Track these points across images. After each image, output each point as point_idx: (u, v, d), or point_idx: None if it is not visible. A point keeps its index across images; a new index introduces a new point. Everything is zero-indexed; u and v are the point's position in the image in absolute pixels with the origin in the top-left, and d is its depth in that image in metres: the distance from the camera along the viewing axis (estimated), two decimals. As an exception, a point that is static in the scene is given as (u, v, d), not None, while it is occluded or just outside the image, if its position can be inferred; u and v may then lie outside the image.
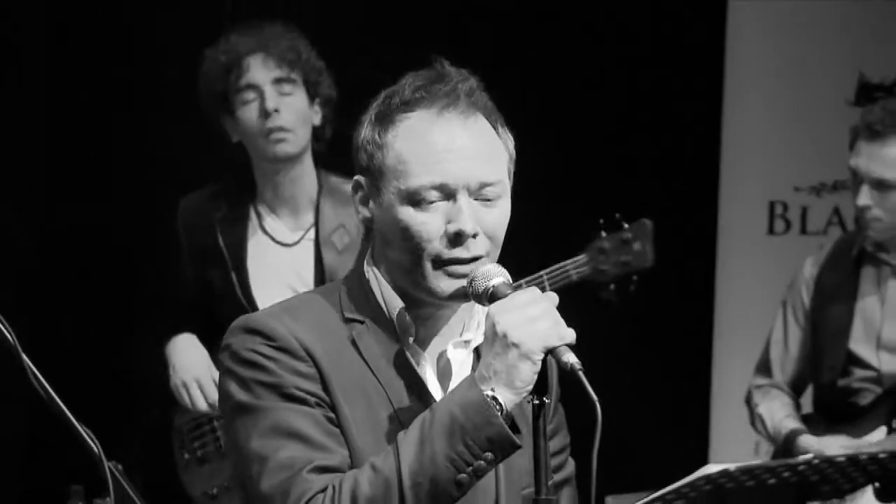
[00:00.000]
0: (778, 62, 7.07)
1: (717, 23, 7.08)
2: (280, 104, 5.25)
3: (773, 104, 7.07)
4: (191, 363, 5.40)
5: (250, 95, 5.28)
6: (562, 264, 5.21)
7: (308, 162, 5.39)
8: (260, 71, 5.26)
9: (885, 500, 5.42)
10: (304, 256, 5.31)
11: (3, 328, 4.57)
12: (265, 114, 5.24)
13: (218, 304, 5.36)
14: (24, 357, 4.53)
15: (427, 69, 3.24)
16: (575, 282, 5.21)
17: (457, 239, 3.12)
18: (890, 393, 5.49)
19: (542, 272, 5.18)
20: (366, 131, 3.22)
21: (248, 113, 5.29)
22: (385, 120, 3.21)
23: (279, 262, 5.36)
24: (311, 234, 5.32)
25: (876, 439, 5.22)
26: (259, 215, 5.38)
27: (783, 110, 7.04)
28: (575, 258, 5.24)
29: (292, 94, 5.26)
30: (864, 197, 5.40)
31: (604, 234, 5.28)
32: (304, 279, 5.31)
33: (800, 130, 6.95)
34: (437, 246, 3.15)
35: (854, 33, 7.00)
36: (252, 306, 5.25)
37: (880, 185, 5.38)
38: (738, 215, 7.13)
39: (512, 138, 3.25)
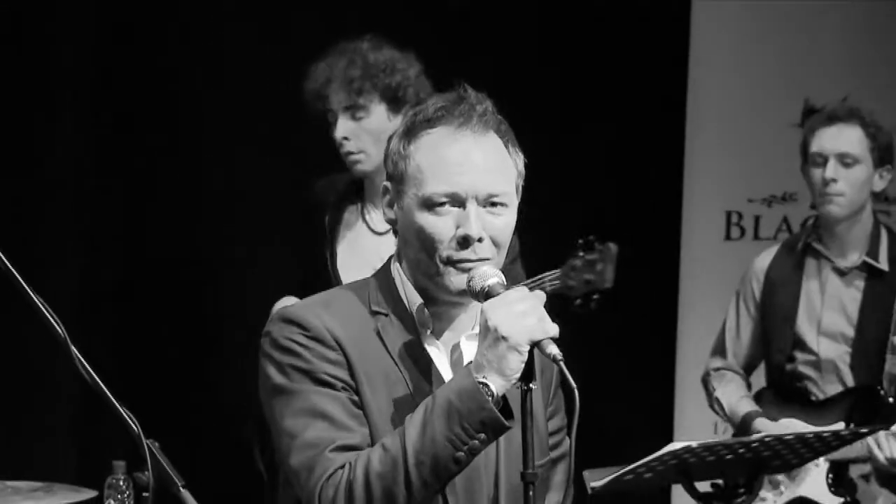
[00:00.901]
0: (734, 91, 7.08)
1: (681, 52, 7.06)
2: (349, 131, 5.17)
3: (730, 126, 7.08)
4: None
5: (332, 120, 5.22)
6: (540, 276, 5.21)
7: None
8: (335, 101, 5.18)
9: (838, 490, 5.45)
10: (389, 244, 5.33)
11: (55, 324, 4.60)
12: (339, 142, 5.20)
13: (317, 276, 5.33)
14: (73, 349, 4.55)
15: (451, 92, 3.29)
16: (548, 292, 5.20)
17: (464, 242, 3.17)
18: (851, 391, 5.50)
19: (523, 282, 5.12)
20: (394, 143, 3.28)
21: (343, 127, 5.22)
22: (410, 134, 3.26)
23: (371, 247, 5.32)
24: None
25: (832, 430, 5.21)
26: (363, 207, 5.35)
27: (739, 132, 7.05)
28: (552, 271, 5.24)
29: (364, 117, 5.15)
30: (831, 170, 5.39)
31: (581, 253, 5.27)
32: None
33: (753, 149, 6.95)
34: (447, 247, 3.19)
35: (801, 65, 7.00)
36: (338, 280, 5.26)
37: (844, 159, 5.36)
38: (699, 223, 7.14)
39: (522, 157, 3.29)
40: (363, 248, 5.33)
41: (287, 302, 5.30)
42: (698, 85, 7.08)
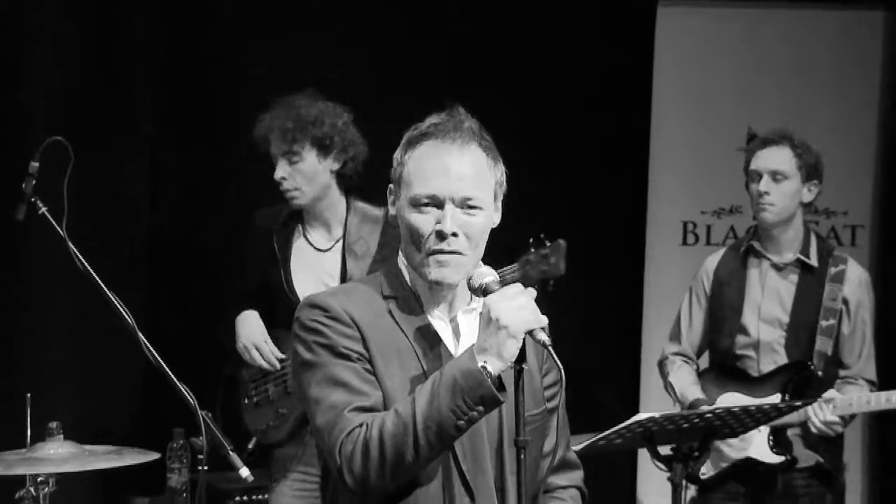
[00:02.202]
0: (690, 121, 7.06)
1: (645, 89, 7.03)
2: (286, 173, 5.22)
3: (687, 150, 7.07)
4: (251, 332, 5.42)
5: (274, 161, 5.27)
6: (501, 270, 5.21)
7: (332, 195, 5.32)
8: (275, 147, 5.23)
9: (778, 451, 5.44)
10: (334, 259, 5.32)
11: (126, 315, 4.60)
12: (278, 182, 5.26)
13: (271, 292, 5.38)
14: (141, 335, 4.56)
15: (446, 111, 3.33)
16: (508, 282, 5.22)
17: (440, 235, 3.19)
18: (785, 368, 5.50)
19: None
20: (398, 152, 3.31)
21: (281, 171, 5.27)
22: (409, 145, 3.31)
23: (316, 263, 5.36)
24: (340, 243, 5.32)
25: (770, 402, 5.21)
26: (304, 228, 5.37)
27: (694, 155, 7.04)
28: (511, 265, 5.26)
29: (298, 161, 5.20)
30: (764, 184, 5.43)
31: (533, 249, 5.27)
32: (333, 276, 5.31)
33: (706, 170, 6.95)
34: (428, 240, 3.22)
35: (746, 99, 6.98)
36: (294, 295, 5.27)
37: (775, 175, 5.41)
38: (660, 231, 7.14)
39: (502, 169, 3.32)
40: (310, 264, 5.37)
41: (247, 317, 5.45)
42: (660, 117, 7.07)
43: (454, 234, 3.20)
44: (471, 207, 3.22)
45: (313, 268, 5.36)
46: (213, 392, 5.62)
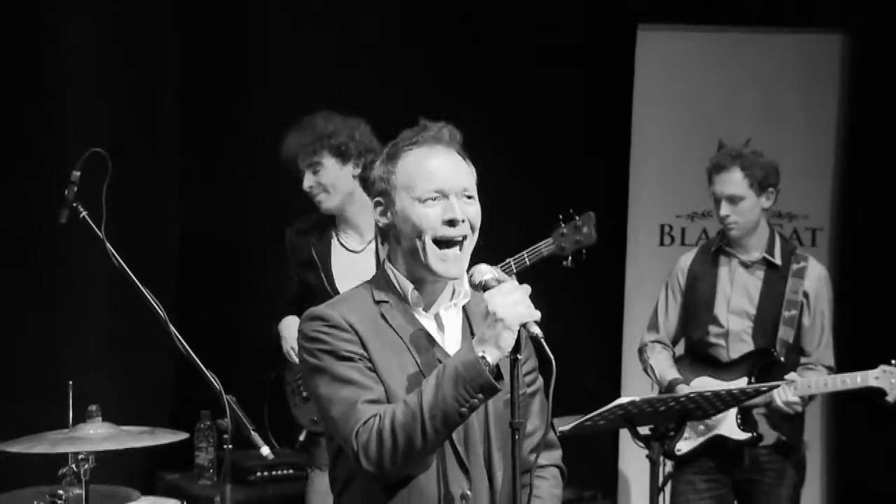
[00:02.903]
0: (667, 133, 7.07)
1: (626, 108, 7.04)
2: (312, 182, 5.29)
3: (663, 161, 7.07)
4: (294, 335, 5.41)
5: (301, 175, 5.32)
6: (536, 245, 5.29)
7: (360, 199, 5.31)
8: (300, 161, 5.30)
9: (745, 429, 5.44)
10: (367, 259, 5.32)
11: (156, 305, 4.61)
12: (306, 190, 5.32)
13: (313, 295, 5.32)
14: (171, 327, 4.56)
15: (416, 127, 3.36)
16: (545, 256, 5.28)
17: (451, 223, 3.20)
18: (752, 354, 5.51)
19: (523, 252, 5.28)
20: (378, 170, 3.34)
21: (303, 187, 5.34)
22: (392, 158, 3.31)
23: (351, 264, 5.36)
24: (372, 245, 5.32)
25: (738, 386, 5.22)
26: (338, 233, 5.39)
27: (670, 165, 7.04)
28: (545, 240, 5.30)
29: (321, 170, 5.26)
30: (724, 209, 5.47)
31: (563, 224, 5.31)
32: (367, 275, 5.31)
33: (680, 178, 6.94)
34: (437, 228, 3.22)
35: (718, 113, 6.98)
36: (337, 293, 5.23)
37: (732, 199, 5.43)
38: (640, 233, 7.15)
39: (474, 169, 3.35)
40: (346, 265, 5.38)
41: (290, 321, 5.45)
42: (640, 129, 7.09)
43: (462, 221, 3.22)
44: (468, 197, 3.27)
45: (350, 268, 5.35)
46: (262, 389, 5.65)
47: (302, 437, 5.47)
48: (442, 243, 3.23)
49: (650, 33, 7.02)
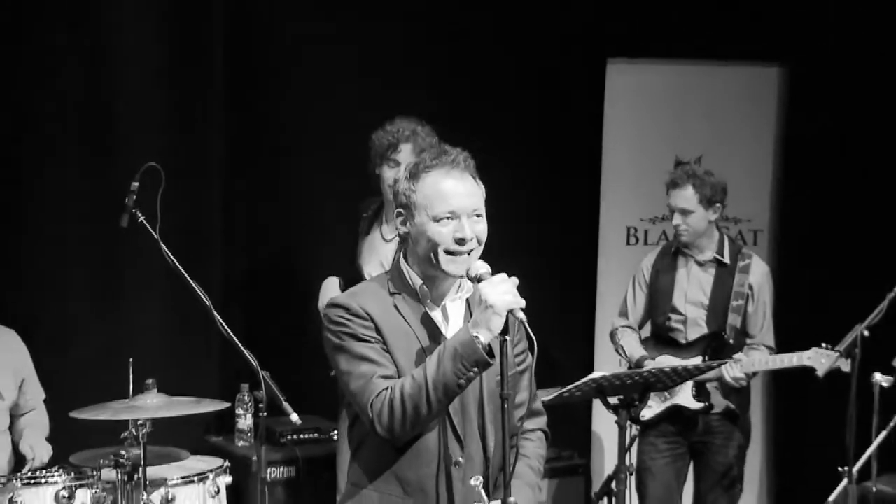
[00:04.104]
0: (632, 149, 7.02)
1: (597, 126, 7.01)
2: (397, 174, 5.16)
3: (630, 173, 7.03)
4: (330, 294, 5.39)
5: (395, 164, 5.24)
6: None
7: None
8: (404, 154, 5.22)
9: (699, 399, 5.43)
10: (391, 248, 5.30)
11: (202, 295, 4.58)
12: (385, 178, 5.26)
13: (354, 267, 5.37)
14: (215, 312, 4.54)
15: (436, 148, 3.34)
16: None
17: (461, 241, 3.17)
18: (705, 337, 5.51)
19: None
20: (402, 184, 3.28)
21: (390, 173, 5.25)
22: (414, 176, 3.26)
23: (380, 249, 5.36)
24: (397, 239, 5.31)
25: (693, 363, 5.20)
26: (381, 223, 5.38)
27: (635, 176, 6.99)
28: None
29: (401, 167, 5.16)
30: (677, 219, 5.50)
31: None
32: (388, 261, 5.33)
33: (644, 187, 6.88)
34: (449, 245, 3.19)
35: (675, 130, 6.96)
36: (359, 268, 5.34)
37: (683, 212, 5.44)
38: (610, 234, 7.08)
39: (484, 189, 3.31)
40: (376, 249, 5.37)
41: (330, 280, 5.43)
42: (609, 146, 7.02)
43: (470, 239, 3.20)
44: (478, 216, 3.24)
45: (377, 252, 5.36)
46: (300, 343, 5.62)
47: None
48: (454, 253, 3.22)
49: (618, 66, 6.99)
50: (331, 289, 5.42)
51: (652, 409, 5.53)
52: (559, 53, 6.82)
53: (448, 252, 3.20)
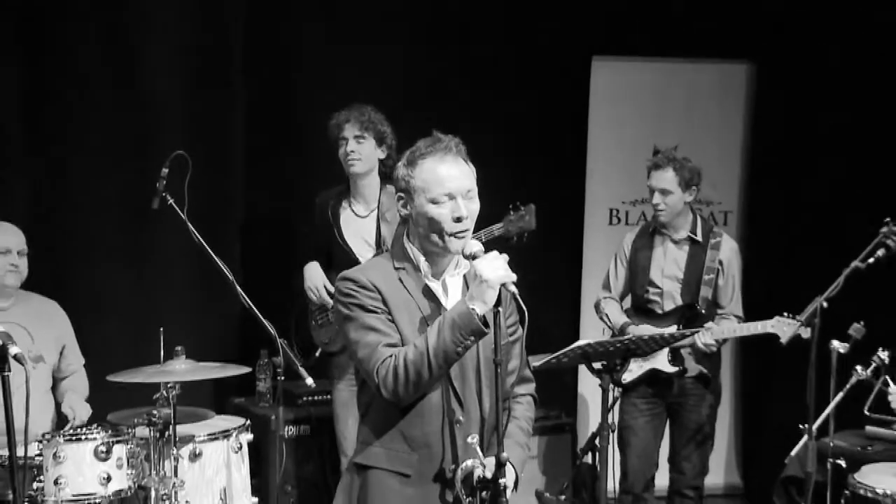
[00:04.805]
0: (615, 138, 7.01)
1: (583, 121, 6.99)
2: (354, 147, 5.23)
3: (612, 159, 7.02)
4: (314, 277, 5.40)
5: (344, 142, 5.25)
6: (490, 227, 5.22)
7: (374, 176, 5.31)
8: (348, 130, 5.23)
9: (675, 364, 5.42)
10: (370, 223, 5.29)
11: (225, 270, 4.57)
12: (346, 152, 5.24)
13: (330, 248, 5.37)
14: (237, 286, 4.52)
15: (430, 137, 3.28)
16: (496, 236, 5.23)
17: (459, 220, 3.15)
18: (680, 308, 5.49)
19: (480, 232, 5.15)
20: (400, 170, 3.25)
21: (342, 150, 5.27)
22: (412, 163, 3.23)
23: (358, 226, 5.33)
24: (375, 213, 5.29)
25: (669, 331, 5.20)
26: (350, 202, 5.35)
27: (617, 163, 6.99)
28: (498, 224, 5.25)
29: (364, 142, 5.22)
30: (657, 198, 5.46)
31: (511, 212, 5.25)
32: (370, 234, 5.32)
33: (625, 173, 6.90)
34: (447, 224, 3.17)
35: (653, 123, 6.94)
36: (347, 246, 5.31)
37: (663, 192, 5.41)
38: (595, 215, 7.08)
39: (475, 170, 3.28)
40: (354, 226, 5.34)
41: (311, 266, 5.44)
42: (594, 136, 7.01)
43: (466, 217, 3.19)
44: (471, 198, 3.22)
45: (357, 229, 5.34)
46: (288, 316, 5.61)
47: (317, 354, 5.49)
48: (453, 233, 3.20)
49: (602, 63, 6.97)
50: (314, 271, 5.43)
51: (632, 373, 5.52)
52: (551, 52, 6.80)
53: (450, 234, 3.20)
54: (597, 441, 4.56)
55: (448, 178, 3.19)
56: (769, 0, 6.77)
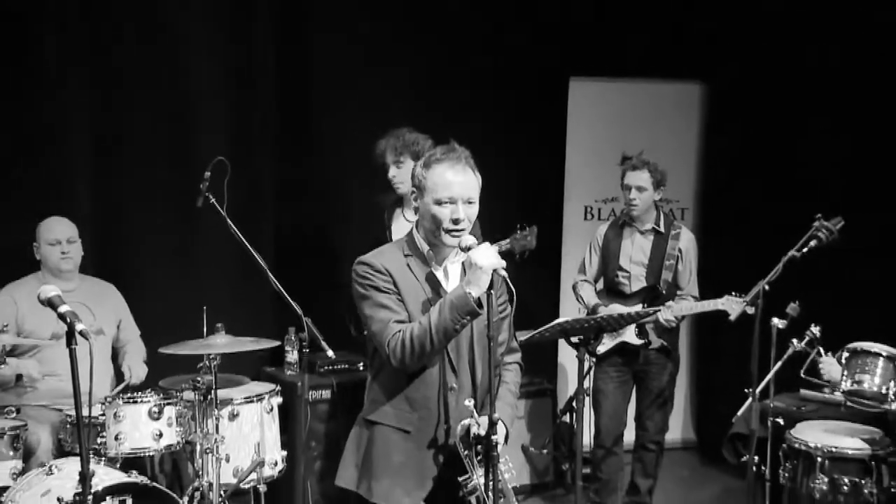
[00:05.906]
0: (589, 147, 6.99)
1: (561, 133, 6.96)
2: (396, 172, 5.09)
3: (587, 164, 7.00)
4: None
5: (387, 168, 5.14)
6: (499, 241, 5.11)
7: None
8: (389, 157, 5.10)
9: (640, 337, 5.39)
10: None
11: (260, 260, 4.54)
12: (390, 178, 5.13)
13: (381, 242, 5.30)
14: (270, 274, 4.49)
15: (447, 144, 3.27)
16: (503, 251, 5.13)
17: (456, 221, 3.14)
18: (644, 289, 5.46)
19: (496, 244, 5.06)
20: (417, 170, 3.23)
21: (388, 175, 5.14)
22: (427, 165, 3.22)
23: (405, 228, 5.24)
24: None
25: (635, 309, 5.18)
26: (403, 208, 5.23)
27: (591, 167, 6.97)
28: (505, 241, 5.15)
29: (401, 166, 5.06)
30: (633, 194, 5.42)
31: (518, 231, 5.18)
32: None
33: (598, 175, 6.88)
34: (447, 223, 3.16)
35: (622, 134, 6.90)
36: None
37: (639, 189, 5.40)
38: (572, 211, 7.05)
39: (480, 178, 3.25)
40: (402, 228, 5.24)
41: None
42: (572, 144, 7.00)
43: (463, 219, 3.18)
44: (470, 202, 3.20)
45: (402, 230, 5.27)
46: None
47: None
48: (450, 231, 3.20)
49: (578, 83, 6.96)
50: None
51: (605, 345, 5.50)
52: (534, 73, 6.81)
53: (446, 231, 3.20)
54: (574, 403, 4.56)
55: (453, 184, 3.18)
56: (719, 30, 6.80)
